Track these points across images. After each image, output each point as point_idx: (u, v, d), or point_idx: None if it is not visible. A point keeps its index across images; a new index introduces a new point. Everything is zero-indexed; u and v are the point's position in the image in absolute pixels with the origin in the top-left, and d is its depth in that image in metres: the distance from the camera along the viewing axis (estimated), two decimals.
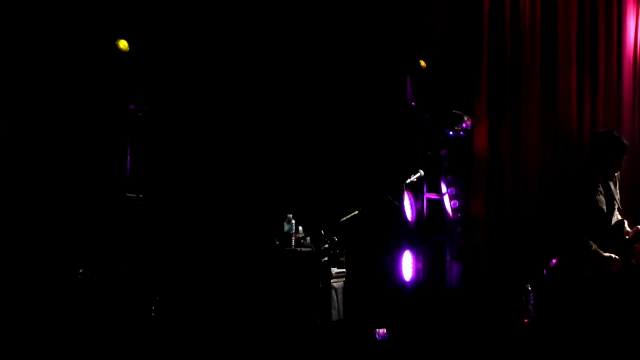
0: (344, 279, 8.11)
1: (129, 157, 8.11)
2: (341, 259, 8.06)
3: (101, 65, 8.34)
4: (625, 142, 6.82)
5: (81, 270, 7.79)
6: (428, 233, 8.64)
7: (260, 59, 8.95)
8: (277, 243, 7.95)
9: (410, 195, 8.51)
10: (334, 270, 7.89)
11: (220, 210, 8.69)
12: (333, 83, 8.98)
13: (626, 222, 6.79)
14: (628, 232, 6.55)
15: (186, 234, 8.55)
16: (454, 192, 9.02)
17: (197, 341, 7.70)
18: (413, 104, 8.65)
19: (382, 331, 7.86)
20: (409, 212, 8.51)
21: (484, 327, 8.37)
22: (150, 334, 7.62)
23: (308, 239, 7.94)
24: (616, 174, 6.76)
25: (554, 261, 8.09)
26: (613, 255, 6.21)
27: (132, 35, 8.24)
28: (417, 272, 8.46)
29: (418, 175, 7.77)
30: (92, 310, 7.66)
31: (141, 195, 8.11)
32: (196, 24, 8.78)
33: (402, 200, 8.26)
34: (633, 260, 6.33)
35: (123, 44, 8.07)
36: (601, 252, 6.16)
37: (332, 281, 7.85)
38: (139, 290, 7.88)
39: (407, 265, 8.41)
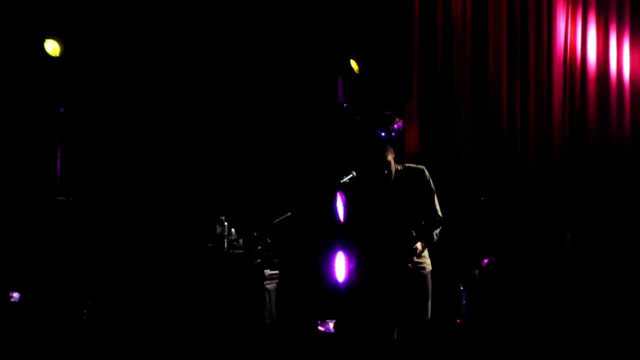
0: (277, 280, 8.12)
1: (59, 160, 8.05)
2: (274, 261, 8.06)
3: (30, 68, 8.27)
4: None
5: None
6: None
7: (188, 58, 8.93)
8: (209, 245, 7.94)
9: (343, 196, 8.52)
10: (267, 272, 7.88)
11: (152, 212, 8.65)
12: (265, 84, 8.98)
13: None
14: None
15: (117, 236, 8.50)
16: None
17: (129, 345, 7.66)
18: (344, 105, 8.67)
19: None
20: (341, 213, 8.53)
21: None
22: (82, 337, 7.58)
23: (240, 240, 7.92)
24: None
25: (486, 261, 8.18)
26: None
27: (62, 38, 8.18)
28: (350, 272, 8.48)
29: (350, 176, 7.78)
30: (23, 313, 7.61)
31: (71, 198, 8.06)
32: (123, 27, 8.74)
33: (334, 201, 8.28)
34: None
35: (53, 50, 8.02)
36: None
37: (265, 282, 7.85)
38: (70, 294, 7.83)
39: (340, 266, 8.42)
